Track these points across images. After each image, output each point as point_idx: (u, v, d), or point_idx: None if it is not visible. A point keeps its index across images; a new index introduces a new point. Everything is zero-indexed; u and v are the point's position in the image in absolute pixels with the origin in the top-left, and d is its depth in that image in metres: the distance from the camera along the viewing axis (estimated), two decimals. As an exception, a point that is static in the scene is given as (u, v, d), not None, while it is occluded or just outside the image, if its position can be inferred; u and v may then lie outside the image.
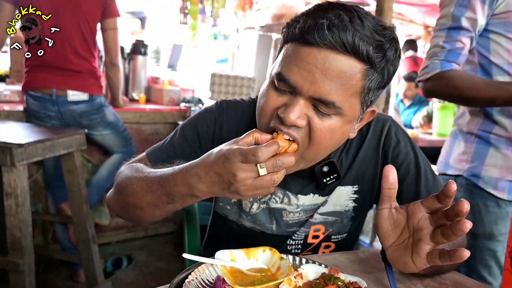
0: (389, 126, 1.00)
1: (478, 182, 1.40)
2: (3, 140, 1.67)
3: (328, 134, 0.79)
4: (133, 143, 2.75)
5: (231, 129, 0.99)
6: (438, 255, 0.67)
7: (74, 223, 2.19)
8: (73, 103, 2.32)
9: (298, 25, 0.76)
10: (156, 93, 3.34)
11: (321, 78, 0.74)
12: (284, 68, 0.78)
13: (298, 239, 1.04)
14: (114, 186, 0.92)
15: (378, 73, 0.77)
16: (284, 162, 0.70)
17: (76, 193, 2.13)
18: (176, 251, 2.99)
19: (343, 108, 0.77)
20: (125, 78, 3.30)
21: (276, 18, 3.55)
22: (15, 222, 1.72)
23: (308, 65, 0.74)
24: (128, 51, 3.31)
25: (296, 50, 0.77)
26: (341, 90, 0.75)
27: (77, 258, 2.35)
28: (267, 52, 4.11)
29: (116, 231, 3.02)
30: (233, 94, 3.31)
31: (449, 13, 1.34)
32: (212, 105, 1.04)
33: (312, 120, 0.78)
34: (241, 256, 0.77)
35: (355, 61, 0.74)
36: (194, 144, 1.00)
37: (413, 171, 0.97)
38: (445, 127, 3.51)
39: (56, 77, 2.28)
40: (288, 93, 0.79)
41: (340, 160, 1.00)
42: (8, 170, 1.69)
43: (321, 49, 0.73)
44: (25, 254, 1.73)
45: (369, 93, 0.80)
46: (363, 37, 0.72)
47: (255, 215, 1.03)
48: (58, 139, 1.93)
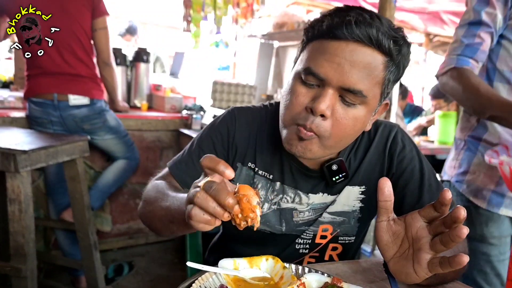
0: (396, 131, 1.04)
1: (461, 188, 1.43)
2: (7, 147, 1.69)
3: (351, 123, 0.85)
4: (135, 148, 2.77)
5: (243, 134, 1.04)
6: (439, 263, 0.68)
7: (76, 229, 2.20)
8: (74, 107, 2.34)
9: (325, 23, 0.83)
10: (158, 100, 3.36)
11: (349, 69, 0.80)
12: (312, 62, 0.83)
13: (306, 238, 1.05)
14: (141, 202, 0.97)
15: (396, 66, 0.85)
16: (215, 188, 0.63)
17: (78, 200, 2.14)
18: (177, 258, 2.99)
19: (368, 97, 0.84)
20: (127, 85, 3.33)
21: (278, 27, 3.58)
22: (18, 228, 1.72)
23: (337, 57, 0.80)
24: (130, 59, 3.34)
25: (324, 46, 0.83)
26: (367, 80, 0.82)
27: (78, 264, 2.36)
28: (268, 60, 4.13)
29: (117, 237, 3.03)
30: (235, 102, 3.33)
31: (471, 8, 1.33)
32: (225, 113, 1.08)
33: (337, 111, 0.84)
34: (244, 265, 0.78)
35: (378, 54, 0.82)
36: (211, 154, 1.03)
37: (417, 176, 1.00)
38: (447, 135, 3.51)
39: (57, 82, 2.29)
40: (315, 87, 0.84)
41: (349, 161, 1.03)
42: (12, 176, 1.70)
43: (349, 42, 0.80)
44: (27, 260, 1.73)
45: (388, 85, 0.87)
46: (384, 32, 0.80)
47: (265, 216, 1.04)
48: (61, 145, 1.95)
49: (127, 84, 3.32)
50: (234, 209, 0.63)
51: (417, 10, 5.25)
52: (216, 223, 0.65)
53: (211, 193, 0.63)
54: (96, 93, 2.42)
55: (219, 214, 0.63)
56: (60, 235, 2.50)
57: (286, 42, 3.96)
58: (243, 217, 0.64)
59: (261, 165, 1.03)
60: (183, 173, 1.02)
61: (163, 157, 3.13)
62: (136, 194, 3.07)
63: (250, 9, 3.63)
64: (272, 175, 1.03)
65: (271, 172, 1.03)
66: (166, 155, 3.14)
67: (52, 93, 2.29)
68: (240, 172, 1.04)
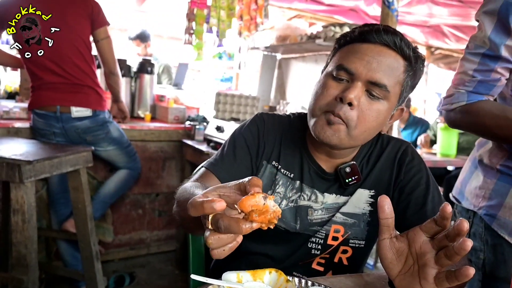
0: (407, 146, 1.13)
1: (492, 224, 1.21)
2: (12, 157, 1.70)
3: (374, 116, 0.96)
4: (137, 158, 2.77)
5: (270, 135, 1.14)
6: (445, 277, 0.68)
7: (78, 239, 2.20)
8: (77, 119, 2.35)
9: (357, 30, 0.98)
10: (162, 111, 3.38)
11: (376, 66, 0.93)
12: (345, 60, 0.96)
13: (319, 237, 1.10)
14: (175, 202, 0.99)
15: (413, 72, 0.98)
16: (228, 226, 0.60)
17: (80, 210, 2.15)
18: (178, 270, 2.98)
19: (391, 93, 0.96)
20: (131, 96, 3.35)
21: (281, 39, 3.61)
22: (21, 238, 1.73)
23: (366, 56, 0.94)
24: (135, 70, 3.37)
25: (355, 47, 0.97)
26: (391, 77, 0.95)
27: (80, 275, 2.36)
28: (271, 72, 4.16)
29: (118, 248, 3.02)
30: (238, 113, 3.35)
31: (486, 37, 1.11)
32: (254, 117, 1.18)
33: (363, 103, 0.95)
34: (248, 278, 0.78)
35: (400, 58, 0.96)
36: (245, 151, 1.12)
37: (423, 186, 1.06)
38: (449, 148, 3.51)
39: (59, 94, 2.30)
40: (345, 82, 0.96)
41: (361, 166, 1.11)
42: (16, 186, 1.71)
43: (377, 45, 0.95)
44: (29, 270, 1.73)
45: (407, 87, 0.99)
46: (405, 41, 0.96)
47: (282, 212, 1.04)
48: (65, 156, 1.96)
49: (131, 94, 3.35)
50: (253, 226, 0.59)
51: (418, 24, 5.30)
52: (239, 239, 0.62)
53: (223, 231, 0.60)
54: (98, 104, 2.42)
55: (238, 240, 0.62)
56: (62, 245, 2.50)
57: (288, 54, 3.99)
58: (266, 224, 0.61)
59: (284, 164, 1.12)
60: (220, 169, 1.08)
61: (166, 168, 3.14)
62: (138, 204, 3.07)
63: (253, 22, 3.66)
64: (293, 174, 1.11)
65: (292, 171, 1.12)
66: (168, 165, 3.15)
67: (54, 105, 2.31)
68: (264, 169, 1.12)
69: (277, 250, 1.11)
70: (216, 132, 2.89)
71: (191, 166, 2.99)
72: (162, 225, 3.21)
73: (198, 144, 2.88)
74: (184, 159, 3.11)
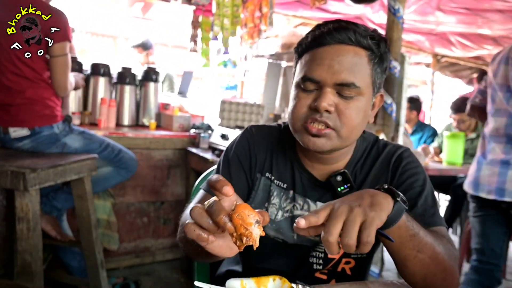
0: (403, 150, 1.11)
1: None
2: (16, 165, 1.71)
3: (355, 113, 0.95)
4: (124, 157, 2.50)
5: (261, 147, 1.14)
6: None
7: (83, 248, 2.20)
8: (17, 140, 2.14)
9: (310, 36, 0.97)
10: (166, 119, 3.39)
11: (339, 67, 0.92)
12: (307, 71, 0.95)
13: (319, 251, 1.08)
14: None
15: (378, 57, 0.96)
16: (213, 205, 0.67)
17: (85, 219, 2.15)
18: (184, 278, 2.96)
19: (362, 87, 0.94)
20: (136, 104, 3.36)
21: (286, 47, 3.63)
22: (26, 246, 1.73)
23: (326, 60, 0.93)
24: (139, 78, 3.38)
25: (313, 55, 0.95)
26: (356, 73, 0.93)
27: (84, 283, 2.35)
28: (276, 79, 4.17)
29: (124, 256, 3.01)
30: (243, 121, 3.35)
31: None
32: (243, 131, 1.19)
33: (340, 105, 0.94)
34: (251, 285, 0.78)
35: (360, 49, 0.94)
36: (239, 169, 1.13)
37: (417, 189, 1.03)
38: (455, 156, 3.49)
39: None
40: (314, 91, 0.95)
41: (355, 173, 1.09)
42: (20, 194, 1.72)
43: (333, 45, 0.93)
44: (35, 278, 1.73)
45: (377, 75, 0.98)
46: (360, 32, 0.93)
47: (279, 223, 1.09)
48: (70, 164, 1.97)
49: (136, 103, 3.36)
50: (227, 225, 0.64)
51: (424, 31, 5.29)
52: (210, 239, 0.66)
53: (207, 209, 0.66)
54: (39, 120, 2.14)
55: (211, 229, 0.65)
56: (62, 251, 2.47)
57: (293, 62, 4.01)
58: (237, 235, 0.64)
59: (277, 175, 1.12)
60: None
61: (171, 176, 3.14)
62: (143, 212, 3.07)
63: (257, 29, 3.67)
64: (286, 184, 1.11)
65: (285, 181, 1.11)
66: (173, 173, 3.15)
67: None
68: (259, 181, 1.12)
69: (279, 265, 1.10)
70: (221, 140, 2.89)
71: (196, 174, 2.98)
72: (167, 233, 3.20)
73: (203, 152, 2.88)
74: (189, 167, 3.11)
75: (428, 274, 0.85)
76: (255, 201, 1.11)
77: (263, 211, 0.69)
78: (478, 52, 5.70)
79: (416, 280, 0.87)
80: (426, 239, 0.82)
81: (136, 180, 2.97)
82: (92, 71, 3.17)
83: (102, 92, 3.17)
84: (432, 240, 0.84)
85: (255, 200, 1.11)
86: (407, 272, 0.86)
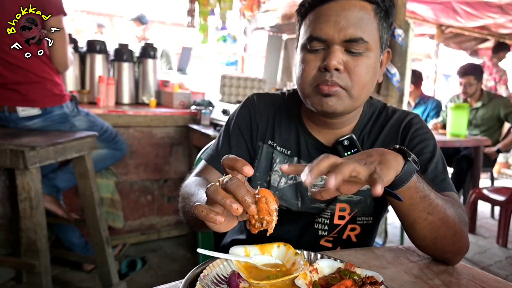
0: (413, 116, 1.08)
1: None
2: (15, 143, 1.69)
3: (365, 70, 0.92)
4: (120, 140, 2.59)
5: (263, 115, 1.12)
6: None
7: (88, 226, 2.20)
8: (26, 119, 2.13)
9: None
10: (166, 96, 3.36)
11: (345, 22, 0.88)
12: (313, 30, 0.92)
13: (325, 217, 1.07)
14: (179, 198, 1.00)
15: (384, 11, 0.93)
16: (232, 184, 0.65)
17: (88, 197, 2.14)
18: (190, 253, 2.99)
19: (370, 42, 0.91)
20: (134, 82, 3.32)
21: (286, 18, 3.54)
22: (30, 224, 1.73)
23: (331, 16, 0.89)
24: (137, 55, 3.33)
25: (317, 13, 0.92)
26: (363, 27, 0.90)
27: (91, 260, 2.37)
28: (277, 52, 4.10)
29: (130, 233, 3.03)
30: (244, 96, 3.31)
31: None
32: (245, 100, 1.16)
33: (349, 63, 0.91)
34: (256, 252, 0.76)
35: (365, 3, 0.91)
36: (239, 138, 1.12)
37: (427, 155, 1.01)
38: (459, 127, 3.44)
39: (4, 93, 2.08)
40: (322, 51, 0.92)
41: (363, 138, 1.07)
42: (21, 173, 1.70)
43: (338, 1, 0.90)
44: (40, 255, 1.74)
45: (384, 30, 0.95)
46: None
47: (282, 190, 1.08)
48: (70, 142, 1.95)
49: (134, 80, 3.32)
50: (251, 207, 0.63)
51: (429, 1, 5.16)
52: (219, 219, 0.64)
53: (230, 187, 0.64)
54: (50, 100, 2.15)
55: (234, 209, 0.63)
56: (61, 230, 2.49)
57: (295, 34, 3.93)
58: (259, 218, 0.64)
59: (280, 142, 1.10)
60: (217, 161, 1.08)
61: (173, 153, 3.12)
62: (147, 190, 3.07)
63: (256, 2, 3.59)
64: (290, 151, 1.09)
65: (289, 148, 1.09)
66: (175, 151, 3.13)
67: (1, 105, 2.11)
68: (261, 150, 1.11)
69: (284, 232, 1.08)
70: (222, 115, 2.86)
71: (198, 151, 2.95)
72: (172, 210, 3.21)
73: (204, 129, 2.85)
74: (191, 144, 3.09)
75: (438, 237, 0.83)
76: (258, 169, 1.10)
77: (276, 197, 0.68)
78: (483, 21, 5.58)
79: (426, 243, 0.86)
80: (436, 201, 0.80)
81: (138, 158, 2.97)
82: (88, 48, 3.12)
83: (99, 70, 3.13)
84: (443, 203, 0.82)
85: (259, 169, 1.10)
86: (416, 236, 0.85)
